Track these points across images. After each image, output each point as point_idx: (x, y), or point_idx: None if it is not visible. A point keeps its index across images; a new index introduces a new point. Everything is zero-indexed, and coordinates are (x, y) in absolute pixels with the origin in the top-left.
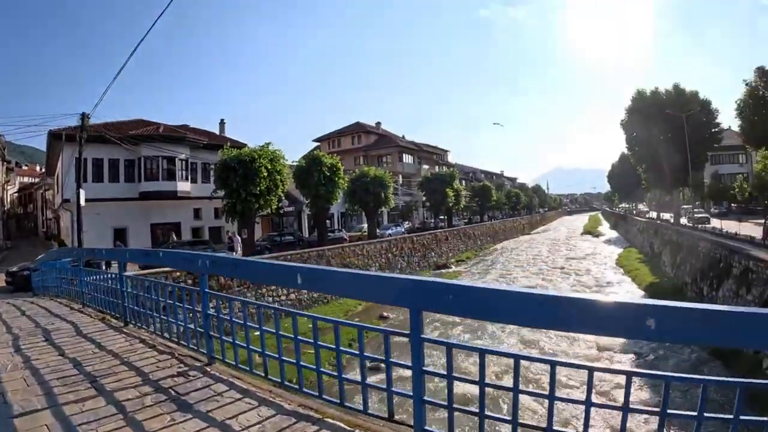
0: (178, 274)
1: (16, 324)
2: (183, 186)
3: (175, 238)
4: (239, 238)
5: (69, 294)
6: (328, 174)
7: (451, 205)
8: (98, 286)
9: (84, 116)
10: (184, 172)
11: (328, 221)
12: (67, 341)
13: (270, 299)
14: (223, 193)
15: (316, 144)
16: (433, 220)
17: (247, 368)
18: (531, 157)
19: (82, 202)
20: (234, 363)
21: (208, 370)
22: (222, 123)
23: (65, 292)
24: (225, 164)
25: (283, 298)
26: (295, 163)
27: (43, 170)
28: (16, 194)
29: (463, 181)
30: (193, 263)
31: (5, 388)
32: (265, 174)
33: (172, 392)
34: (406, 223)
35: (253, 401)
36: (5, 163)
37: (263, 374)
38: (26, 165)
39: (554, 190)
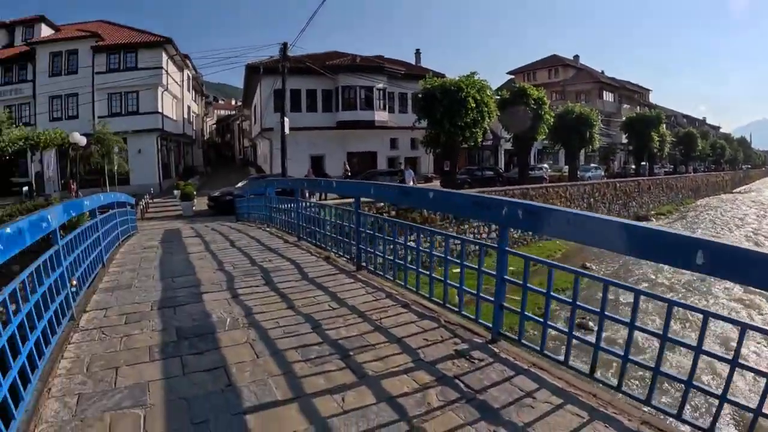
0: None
1: (228, 259)
2: (380, 115)
3: (347, 167)
4: (412, 171)
5: (279, 224)
6: (534, 107)
7: (654, 151)
8: (319, 221)
9: (285, 46)
10: (381, 101)
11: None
12: (292, 287)
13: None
14: (425, 123)
15: (510, 77)
16: (633, 166)
17: (561, 359)
18: (728, 105)
19: (287, 130)
20: (539, 349)
21: (496, 351)
22: (418, 53)
23: (275, 221)
24: (428, 93)
25: (484, 235)
26: (497, 97)
27: (239, 103)
28: (214, 125)
29: (664, 126)
30: (490, 210)
31: (226, 359)
32: (473, 105)
33: (461, 385)
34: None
35: (578, 411)
36: (204, 97)
37: (587, 371)
38: (222, 100)
39: (757, 146)
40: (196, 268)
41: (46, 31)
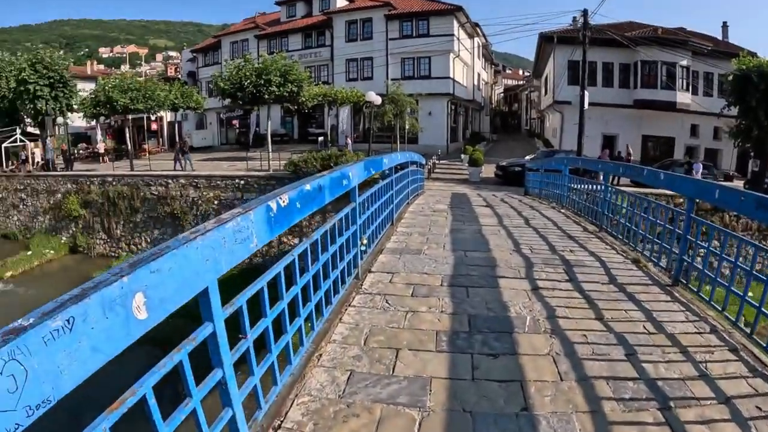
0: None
1: (525, 240)
2: (682, 97)
3: (630, 151)
4: (701, 165)
5: (575, 208)
6: None
7: None
8: (627, 212)
9: (585, 14)
10: (684, 81)
11: None
12: (598, 291)
13: None
14: (735, 110)
15: None
16: None
17: None
18: None
19: (586, 105)
20: None
21: None
22: (725, 26)
23: (569, 203)
24: (742, 75)
25: None
26: None
27: (526, 74)
28: (502, 94)
29: None
30: None
31: (524, 372)
32: None
33: None
34: None
35: None
36: (492, 66)
37: None
38: (509, 70)
39: None
40: (490, 245)
41: (341, 2)
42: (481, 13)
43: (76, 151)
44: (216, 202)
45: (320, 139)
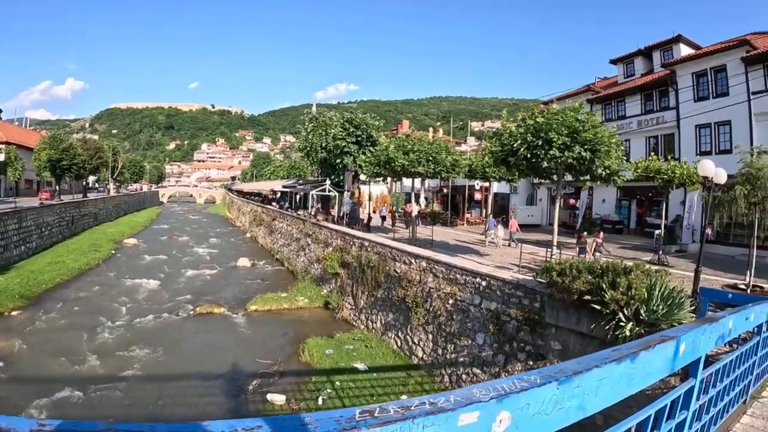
0: None
1: None
2: None
3: None
4: None
5: None
6: None
7: None
8: None
9: None
10: None
11: None
12: None
13: None
14: None
15: None
16: None
17: None
18: None
19: None
20: None
21: None
22: None
23: None
24: None
25: None
26: None
27: None
28: None
29: None
30: None
31: None
32: None
33: None
34: None
35: None
36: None
37: None
38: None
39: None
40: None
41: (685, 50)
42: None
43: (397, 210)
44: (450, 302)
45: (656, 233)
